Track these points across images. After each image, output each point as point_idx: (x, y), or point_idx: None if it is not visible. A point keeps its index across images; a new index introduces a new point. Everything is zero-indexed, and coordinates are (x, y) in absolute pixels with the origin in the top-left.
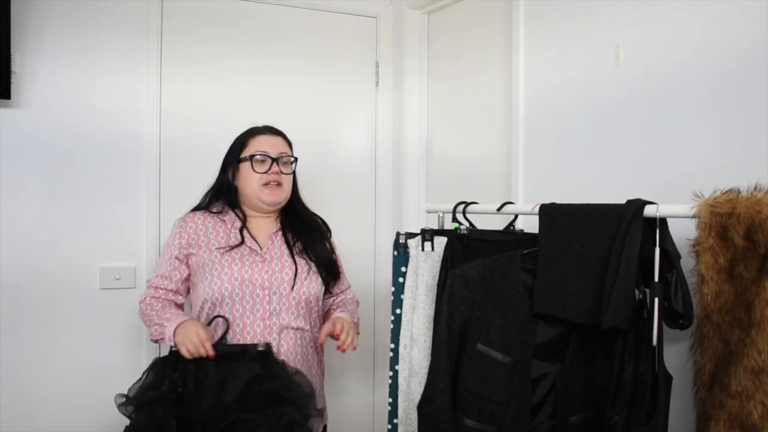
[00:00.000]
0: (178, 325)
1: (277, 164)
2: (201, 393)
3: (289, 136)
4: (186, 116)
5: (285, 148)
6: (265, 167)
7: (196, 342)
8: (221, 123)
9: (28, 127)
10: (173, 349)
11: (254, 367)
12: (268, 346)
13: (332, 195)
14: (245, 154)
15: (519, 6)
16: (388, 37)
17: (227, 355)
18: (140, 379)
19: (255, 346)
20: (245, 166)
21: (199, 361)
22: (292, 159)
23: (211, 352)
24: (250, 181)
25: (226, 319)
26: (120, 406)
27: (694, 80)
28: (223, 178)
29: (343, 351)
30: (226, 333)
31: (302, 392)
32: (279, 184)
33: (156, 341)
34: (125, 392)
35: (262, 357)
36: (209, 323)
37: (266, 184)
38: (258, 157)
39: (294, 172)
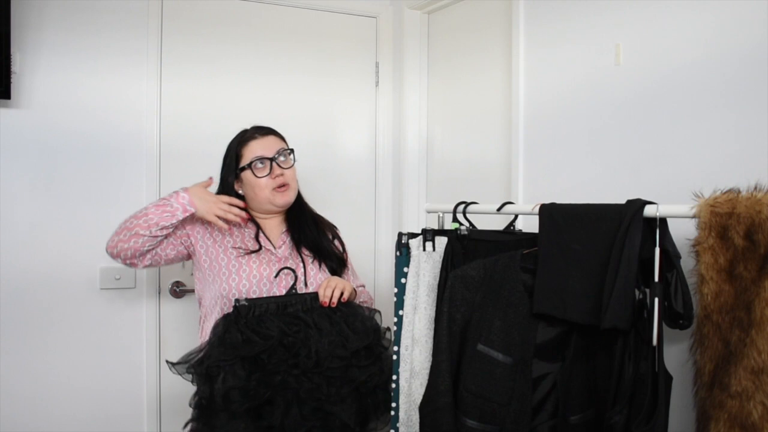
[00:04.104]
0: (186, 190)
1: (277, 163)
2: (308, 345)
3: (285, 134)
4: (186, 116)
5: (279, 144)
6: (266, 170)
7: (224, 206)
8: (221, 123)
9: (28, 127)
10: (237, 304)
11: (363, 310)
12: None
13: (332, 195)
14: (243, 163)
15: (519, 6)
16: (388, 37)
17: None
18: (207, 344)
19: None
20: (247, 175)
21: (266, 317)
22: (289, 150)
23: (242, 204)
24: (258, 188)
25: (293, 270)
26: (193, 366)
27: (694, 80)
28: (227, 189)
29: (326, 305)
30: (294, 284)
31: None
32: (287, 184)
33: (165, 231)
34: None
35: (343, 305)
36: (276, 275)
37: (276, 187)
38: (256, 163)
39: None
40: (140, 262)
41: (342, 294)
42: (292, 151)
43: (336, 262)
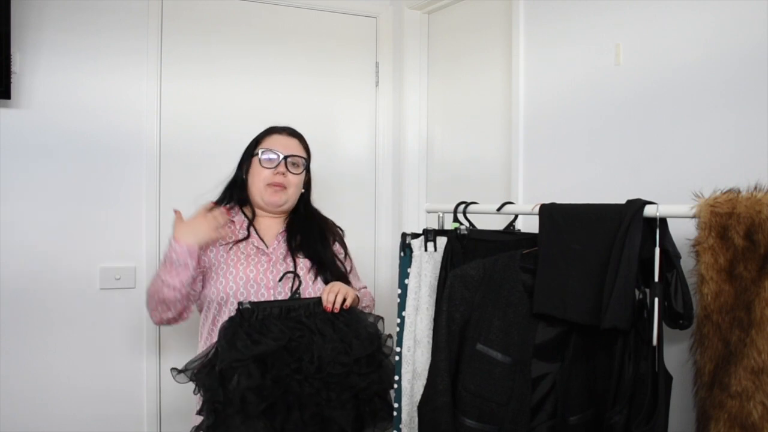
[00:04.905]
0: (173, 239)
1: (286, 164)
2: (311, 350)
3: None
4: (186, 116)
5: (298, 150)
6: (272, 164)
7: (206, 216)
8: (221, 123)
9: (28, 127)
10: (241, 307)
11: (366, 317)
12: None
13: (332, 195)
14: (257, 149)
15: (519, 6)
16: (388, 37)
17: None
18: (212, 348)
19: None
20: (254, 161)
21: (270, 320)
22: (303, 160)
23: (212, 204)
24: (257, 178)
25: (297, 275)
26: (202, 371)
27: (695, 80)
28: (238, 173)
29: (329, 310)
30: (298, 288)
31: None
32: (284, 187)
33: (190, 281)
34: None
35: (345, 312)
36: (280, 279)
37: (271, 184)
38: (267, 153)
39: (308, 176)
40: (186, 312)
41: (345, 300)
42: (307, 162)
43: (335, 277)
